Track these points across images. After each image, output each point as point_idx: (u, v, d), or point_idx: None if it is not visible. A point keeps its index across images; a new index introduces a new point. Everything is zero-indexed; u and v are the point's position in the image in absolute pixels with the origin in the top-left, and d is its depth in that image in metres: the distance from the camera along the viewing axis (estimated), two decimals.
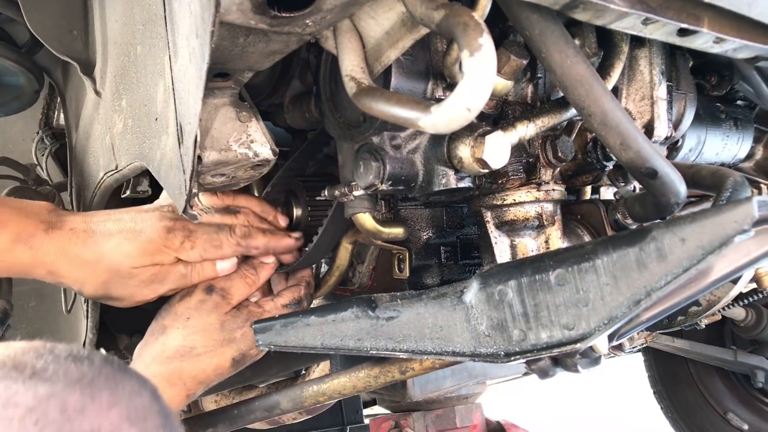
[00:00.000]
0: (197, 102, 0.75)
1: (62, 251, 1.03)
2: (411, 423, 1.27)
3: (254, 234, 1.11)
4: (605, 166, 1.02)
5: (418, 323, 0.87)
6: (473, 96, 0.58)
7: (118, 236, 1.05)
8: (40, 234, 1.02)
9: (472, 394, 1.35)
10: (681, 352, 2.67)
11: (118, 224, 1.07)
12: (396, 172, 0.87)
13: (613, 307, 0.78)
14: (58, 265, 1.03)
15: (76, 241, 1.04)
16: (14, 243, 1.00)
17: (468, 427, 1.33)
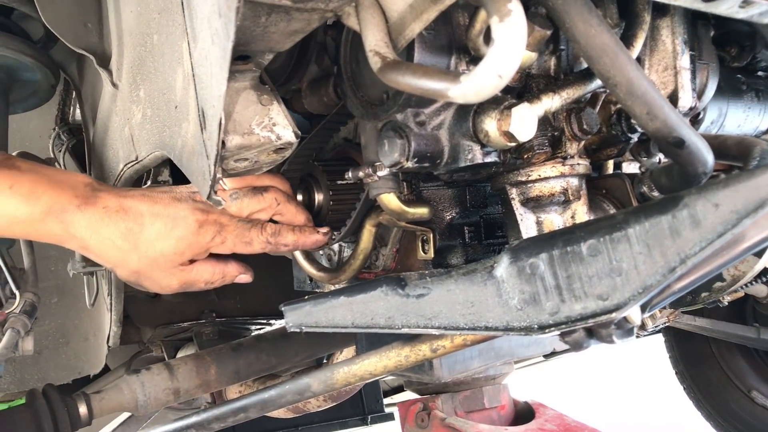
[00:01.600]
0: (222, 83, 0.75)
1: (94, 230, 1.05)
2: (439, 405, 1.27)
3: (284, 232, 1.12)
4: (630, 138, 1.01)
5: (448, 300, 0.87)
6: (504, 62, 0.57)
7: (152, 226, 1.07)
8: (73, 209, 1.04)
9: (500, 375, 1.34)
10: (703, 331, 2.65)
11: (151, 208, 1.08)
12: (421, 149, 0.86)
13: (648, 275, 0.77)
14: (89, 242, 1.06)
15: (108, 222, 1.05)
16: (46, 215, 1.02)
17: (496, 408, 1.33)
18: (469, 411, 1.29)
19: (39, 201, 1.02)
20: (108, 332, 1.69)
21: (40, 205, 1.02)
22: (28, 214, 1.02)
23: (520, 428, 1.25)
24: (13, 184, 1.01)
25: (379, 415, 3.64)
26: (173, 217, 1.08)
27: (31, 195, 1.02)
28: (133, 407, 1.40)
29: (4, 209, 1.01)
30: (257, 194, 1.12)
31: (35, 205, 1.02)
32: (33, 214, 1.02)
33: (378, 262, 1.23)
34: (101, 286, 1.71)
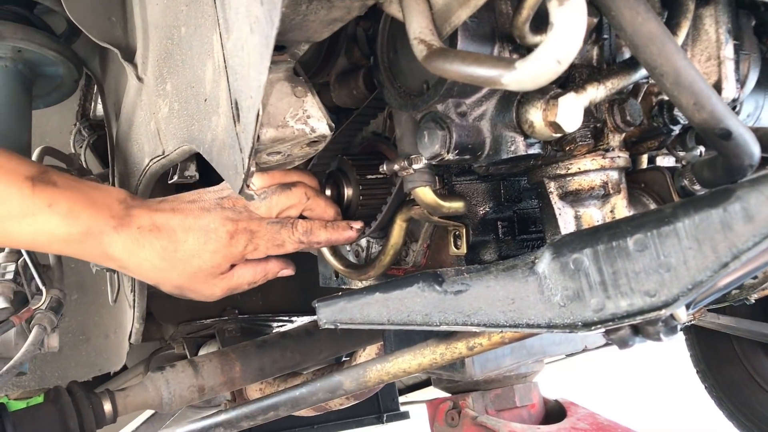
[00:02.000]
0: (262, 73, 0.73)
1: (131, 252, 1.06)
2: (470, 403, 1.25)
3: (315, 230, 1.11)
4: (672, 130, 0.98)
5: (488, 296, 0.84)
6: (564, 47, 0.55)
7: (185, 243, 1.07)
8: (110, 231, 1.05)
9: (530, 373, 1.32)
10: (727, 329, 2.61)
11: (182, 223, 1.08)
12: (462, 141, 0.84)
13: (698, 271, 0.74)
14: (128, 264, 1.08)
15: (143, 242, 1.06)
16: (85, 236, 1.04)
17: (527, 407, 1.31)
18: (500, 409, 1.27)
19: (78, 221, 1.03)
20: (130, 329, 1.68)
21: (78, 225, 1.03)
22: (67, 233, 1.03)
23: (552, 427, 1.23)
24: (52, 203, 1.02)
25: (394, 414, 3.62)
26: (205, 230, 1.08)
27: (70, 215, 1.03)
28: (157, 405, 1.38)
29: (44, 228, 1.02)
30: (285, 190, 1.11)
31: (74, 225, 1.03)
32: (72, 234, 1.03)
33: (408, 258, 1.21)
34: (123, 282, 1.70)
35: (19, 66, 1.45)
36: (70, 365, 2.05)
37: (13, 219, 1.01)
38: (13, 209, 1.00)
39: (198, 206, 1.11)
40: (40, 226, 1.02)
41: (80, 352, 2.05)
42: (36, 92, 1.58)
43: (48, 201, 1.02)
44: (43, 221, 1.01)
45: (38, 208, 1.02)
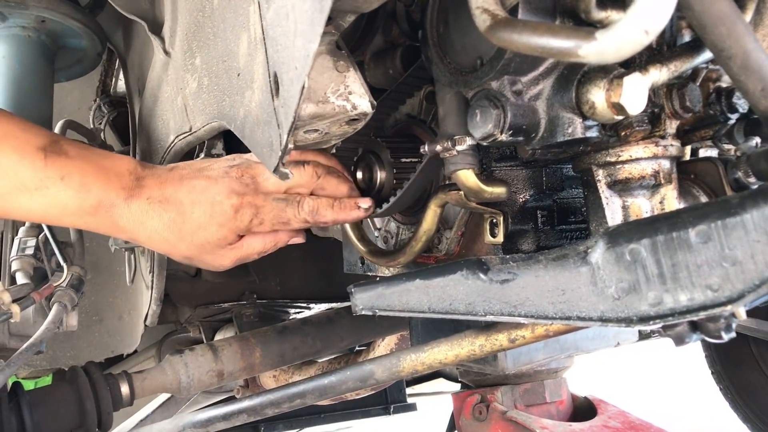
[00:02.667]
0: (312, 41, 0.68)
1: (140, 223, 1.07)
2: (498, 397, 1.21)
3: (322, 210, 1.09)
4: (729, 119, 0.94)
5: (536, 286, 0.80)
6: (654, 15, 0.51)
7: (192, 215, 1.07)
8: (120, 203, 1.05)
9: (561, 368, 1.28)
10: (747, 331, 2.56)
11: (189, 195, 1.08)
12: (517, 121, 0.80)
13: (766, 266, 0.70)
14: (138, 235, 1.08)
15: (152, 214, 1.07)
16: (96, 209, 1.04)
17: (556, 403, 1.27)
18: (529, 405, 1.23)
19: (90, 194, 1.03)
20: (146, 311, 1.65)
21: (90, 198, 1.03)
22: (79, 206, 1.03)
23: (584, 424, 1.19)
24: (65, 175, 1.01)
25: (401, 405, 3.60)
26: (211, 203, 1.07)
27: (82, 188, 1.02)
28: (175, 389, 1.35)
29: (57, 201, 1.02)
30: (297, 167, 1.09)
31: (86, 198, 1.03)
32: (84, 207, 1.03)
33: (441, 245, 1.17)
34: (140, 263, 1.67)
35: (42, 36, 1.42)
36: (82, 345, 2.02)
37: (26, 191, 1.00)
38: (27, 181, 0.99)
39: (205, 175, 1.10)
40: (52, 199, 1.01)
41: (93, 332, 2.03)
42: (58, 65, 1.54)
43: (60, 173, 1.01)
44: (55, 194, 1.01)
45: (51, 181, 1.01)
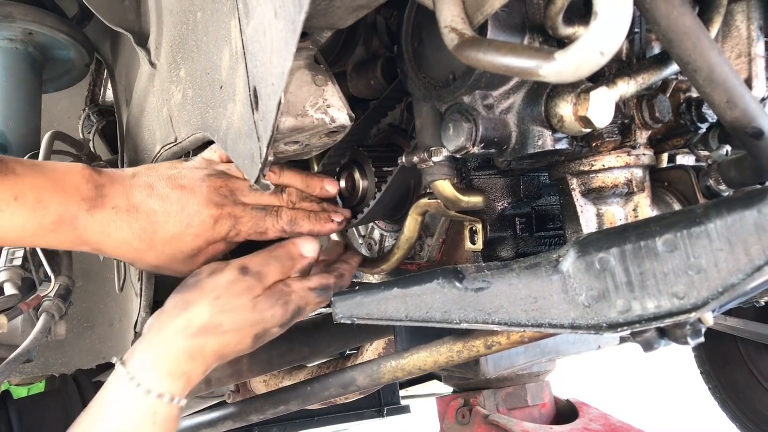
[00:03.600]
0: (286, 60, 0.70)
1: (107, 234, 1.01)
2: (481, 401, 1.23)
3: (299, 221, 1.07)
4: (699, 128, 0.96)
5: (510, 294, 0.82)
6: (608, 37, 0.53)
7: (166, 225, 1.02)
8: (83, 215, 0.99)
9: (543, 372, 1.30)
10: (734, 331, 2.60)
11: (163, 204, 1.03)
12: (489, 134, 0.82)
13: (729, 274, 0.72)
14: (103, 246, 1.02)
15: (120, 224, 1.01)
16: (58, 225, 0.97)
17: (538, 406, 1.29)
18: (511, 408, 1.25)
19: (48, 210, 0.96)
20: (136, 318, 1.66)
21: (49, 215, 0.96)
22: (39, 225, 0.96)
23: (565, 427, 1.21)
24: (18, 195, 0.94)
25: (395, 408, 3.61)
26: (187, 214, 1.03)
27: (38, 205, 0.96)
28: None
29: (13, 223, 0.94)
30: (276, 193, 1.09)
31: (45, 215, 0.96)
32: (44, 225, 0.96)
33: (422, 252, 1.19)
34: (129, 271, 1.68)
35: (30, 48, 1.43)
36: (74, 352, 2.03)
37: None
38: None
39: (179, 183, 1.05)
40: (7, 222, 0.94)
41: (84, 339, 2.04)
42: (46, 75, 1.56)
43: (12, 193, 0.94)
44: (10, 216, 0.94)
45: (4, 203, 0.94)
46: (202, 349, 0.97)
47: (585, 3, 0.78)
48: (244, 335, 0.99)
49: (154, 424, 0.92)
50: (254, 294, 1.00)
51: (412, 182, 1.17)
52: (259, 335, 1.01)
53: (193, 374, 0.97)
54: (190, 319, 0.97)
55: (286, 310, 1.01)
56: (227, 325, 0.97)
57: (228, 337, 0.98)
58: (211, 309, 0.98)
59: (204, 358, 0.97)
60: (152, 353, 0.96)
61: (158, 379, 0.93)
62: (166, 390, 0.93)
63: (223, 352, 0.99)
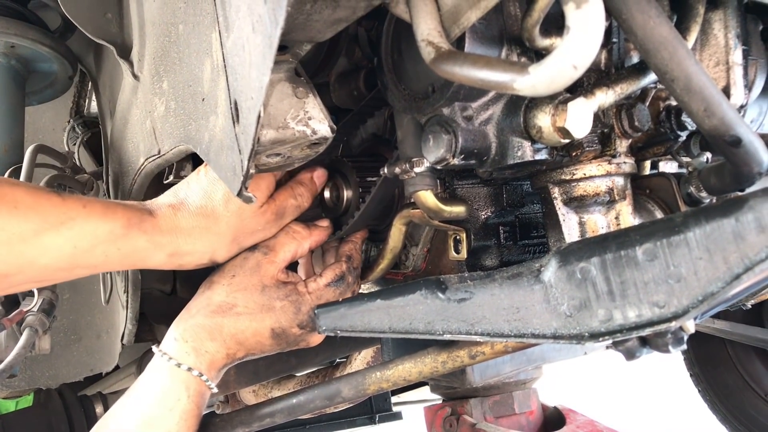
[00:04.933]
0: (264, 74, 0.70)
1: (175, 228, 1.03)
2: (468, 410, 1.23)
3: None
4: (679, 136, 0.97)
5: (492, 305, 0.82)
6: (581, 52, 0.53)
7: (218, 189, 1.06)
8: (148, 218, 1.02)
9: (530, 379, 1.31)
10: (722, 334, 2.61)
11: (202, 182, 1.08)
12: (468, 145, 0.82)
13: (708, 282, 0.73)
14: (177, 242, 1.03)
15: (180, 215, 1.04)
16: (128, 229, 0.99)
17: (526, 413, 1.29)
18: (498, 416, 1.25)
19: (116, 215, 0.99)
20: (122, 330, 1.66)
21: (118, 218, 0.99)
22: (110, 230, 0.98)
23: None
24: (86, 204, 0.98)
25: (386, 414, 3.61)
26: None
27: (107, 210, 0.99)
28: None
29: (85, 230, 0.97)
30: None
31: (114, 219, 0.98)
32: (114, 230, 0.98)
33: (407, 262, 1.19)
34: (116, 283, 1.68)
35: (12, 61, 1.43)
36: (61, 365, 2.02)
37: (51, 229, 0.95)
38: (49, 217, 0.95)
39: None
40: (79, 230, 0.97)
41: (72, 352, 2.02)
42: (29, 88, 1.55)
43: (81, 203, 0.98)
44: (81, 223, 0.97)
45: (74, 212, 0.97)
46: (221, 329, 1.03)
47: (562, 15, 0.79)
48: (259, 324, 1.04)
49: (189, 397, 0.99)
50: (264, 271, 1.06)
51: (396, 192, 1.17)
52: (277, 331, 1.05)
53: (216, 356, 1.03)
54: (210, 297, 1.06)
55: (299, 310, 1.05)
56: (240, 305, 1.04)
57: (243, 321, 1.04)
58: (227, 288, 1.06)
59: (223, 339, 1.03)
60: (179, 329, 1.04)
61: (186, 353, 1.01)
62: (193, 364, 1.00)
63: (240, 337, 1.04)
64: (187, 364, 1.00)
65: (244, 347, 1.05)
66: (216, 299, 1.05)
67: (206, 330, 1.03)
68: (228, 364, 1.06)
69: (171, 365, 1.01)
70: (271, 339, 1.06)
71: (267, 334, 1.05)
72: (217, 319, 1.03)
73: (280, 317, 1.05)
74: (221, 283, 1.07)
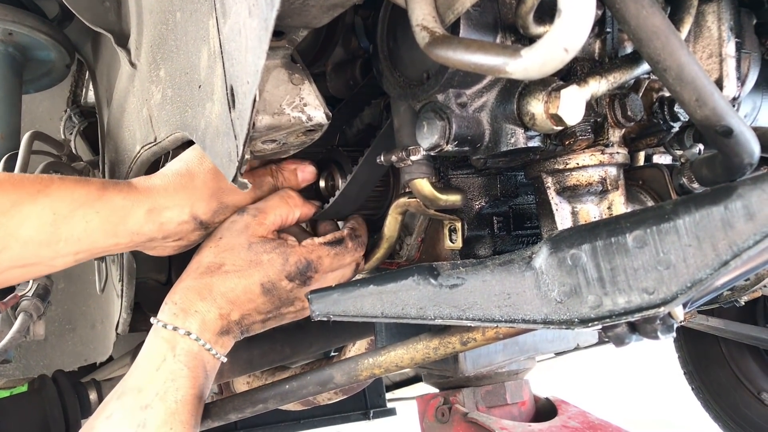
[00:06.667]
0: (260, 57, 0.71)
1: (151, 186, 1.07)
2: (461, 399, 1.24)
3: None
4: (672, 127, 0.98)
5: (484, 291, 0.83)
6: (572, 34, 0.54)
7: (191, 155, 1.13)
8: (122, 182, 1.07)
9: (522, 370, 1.31)
10: (715, 331, 2.62)
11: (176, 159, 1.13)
12: (462, 132, 0.83)
13: (697, 269, 0.73)
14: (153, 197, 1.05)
15: (157, 176, 1.10)
16: (103, 191, 1.02)
17: (517, 404, 1.30)
18: (490, 406, 1.26)
19: (90, 181, 1.01)
20: (117, 319, 1.66)
21: (92, 183, 1.01)
22: (86, 193, 1.01)
23: (544, 425, 1.22)
24: (60, 176, 1.03)
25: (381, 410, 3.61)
26: None
27: (82, 180, 1.02)
28: None
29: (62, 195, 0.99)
30: None
31: (89, 184, 1.01)
32: (90, 193, 1.01)
33: (402, 251, 1.20)
34: (111, 272, 1.68)
35: (10, 49, 1.43)
36: (55, 354, 2.03)
37: (28, 197, 0.96)
38: (26, 188, 0.97)
39: None
40: (56, 195, 0.98)
41: (66, 341, 2.03)
42: (26, 76, 1.55)
43: (56, 176, 1.03)
44: (57, 190, 0.99)
45: (49, 180, 0.99)
46: (210, 288, 1.04)
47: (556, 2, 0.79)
48: (248, 280, 1.04)
49: (175, 356, 0.99)
50: (252, 232, 1.07)
51: (391, 181, 1.17)
52: (267, 286, 1.05)
53: (207, 316, 1.03)
54: (199, 260, 1.07)
55: (286, 261, 1.05)
56: (228, 264, 1.05)
57: (232, 279, 1.04)
58: (215, 249, 1.07)
59: (213, 297, 1.03)
60: (171, 295, 1.05)
61: (174, 314, 1.02)
62: (180, 324, 1.01)
63: (231, 296, 1.04)
64: (173, 324, 1.01)
65: (237, 306, 1.05)
66: (204, 261, 1.06)
67: (195, 291, 1.04)
68: (226, 327, 1.05)
69: (158, 327, 1.02)
70: (263, 296, 1.06)
71: (257, 290, 1.05)
72: (206, 280, 1.04)
73: (268, 270, 1.05)
74: (209, 246, 1.08)
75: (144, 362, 1.00)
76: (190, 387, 0.99)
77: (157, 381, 0.97)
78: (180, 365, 0.98)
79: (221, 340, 1.05)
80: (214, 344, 1.03)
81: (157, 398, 0.96)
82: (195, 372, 1.00)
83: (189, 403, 0.98)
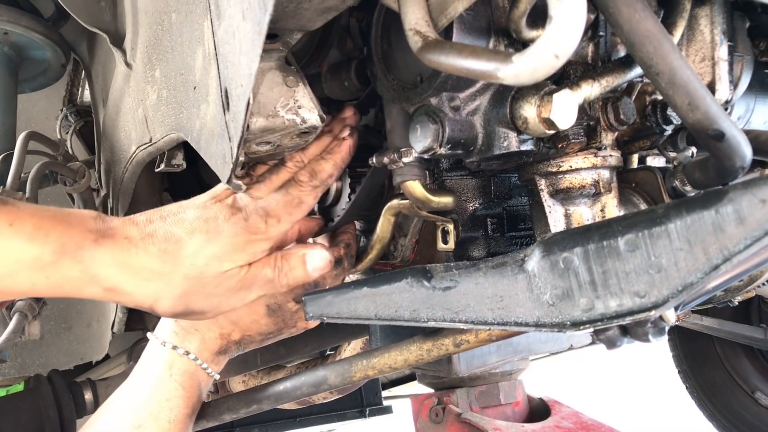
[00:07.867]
0: (254, 60, 0.71)
1: (122, 264, 0.88)
2: (455, 400, 1.24)
3: (317, 167, 0.99)
4: (664, 130, 0.98)
5: (476, 293, 0.84)
6: (563, 41, 0.54)
7: (195, 238, 0.92)
8: (89, 245, 0.87)
9: (516, 370, 1.32)
10: (710, 331, 2.63)
11: (182, 226, 0.93)
12: (455, 135, 0.83)
13: (688, 273, 0.74)
14: (119, 280, 0.89)
15: (136, 251, 0.89)
16: (59, 256, 0.85)
17: (511, 404, 1.30)
18: (484, 406, 1.27)
19: (48, 238, 0.84)
20: (113, 318, 1.66)
21: (50, 243, 0.84)
22: (36, 256, 0.84)
23: (537, 425, 1.23)
24: (14, 221, 0.83)
25: (377, 408, 3.63)
26: (211, 219, 0.93)
27: (37, 232, 0.84)
28: None
29: (7, 252, 0.83)
30: None
31: (44, 244, 0.84)
32: (42, 256, 0.84)
33: (396, 252, 1.20)
34: None
35: (5, 48, 1.43)
36: (51, 353, 2.03)
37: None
38: None
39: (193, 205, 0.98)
40: (2, 250, 0.83)
41: (62, 340, 2.03)
42: (22, 76, 1.55)
43: (8, 220, 0.83)
44: (4, 243, 0.83)
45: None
46: None
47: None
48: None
49: (171, 376, 0.99)
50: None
51: (385, 183, 1.18)
52: (273, 308, 1.04)
53: (207, 335, 1.03)
54: None
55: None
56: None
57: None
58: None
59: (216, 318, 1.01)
60: None
61: (173, 332, 1.03)
62: (179, 343, 1.02)
63: (234, 317, 1.03)
64: (172, 342, 1.00)
65: (239, 327, 1.04)
66: None
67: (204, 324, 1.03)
68: (224, 347, 1.04)
69: (157, 343, 1.02)
70: (267, 317, 1.04)
71: (262, 311, 1.04)
72: None
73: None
74: None
75: (140, 379, 0.99)
76: (184, 407, 0.98)
77: (152, 401, 0.96)
78: (176, 385, 0.98)
79: (218, 358, 1.04)
80: (210, 363, 1.02)
81: (150, 418, 0.95)
82: (190, 392, 0.99)
83: (181, 422, 0.98)
